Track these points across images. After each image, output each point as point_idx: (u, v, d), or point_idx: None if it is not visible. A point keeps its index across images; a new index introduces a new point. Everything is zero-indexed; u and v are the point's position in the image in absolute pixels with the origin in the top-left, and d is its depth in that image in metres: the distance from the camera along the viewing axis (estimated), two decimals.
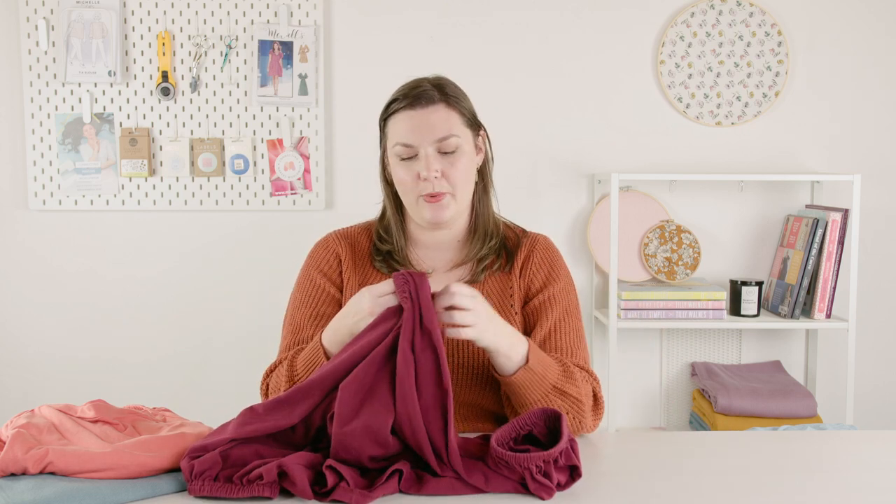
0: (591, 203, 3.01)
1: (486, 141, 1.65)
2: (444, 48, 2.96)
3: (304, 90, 2.92)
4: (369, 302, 1.34)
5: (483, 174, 1.65)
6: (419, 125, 1.53)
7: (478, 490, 1.22)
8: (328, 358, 1.43)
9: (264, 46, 2.90)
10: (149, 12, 2.91)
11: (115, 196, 2.95)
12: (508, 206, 1.89)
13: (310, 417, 1.30)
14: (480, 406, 1.59)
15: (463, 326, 1.35)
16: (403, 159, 1.56)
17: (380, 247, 1.65)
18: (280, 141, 2.94)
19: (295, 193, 2.95)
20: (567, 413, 1.46)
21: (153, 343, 3.01)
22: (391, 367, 1.28)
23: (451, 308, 1.34)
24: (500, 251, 1.65)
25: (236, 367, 2.99)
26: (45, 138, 2.92)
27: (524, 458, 1.21)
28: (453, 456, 1.23)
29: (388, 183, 1.64)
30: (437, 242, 1.65)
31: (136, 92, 2.93)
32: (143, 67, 2.93)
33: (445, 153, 1.54)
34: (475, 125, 1.62)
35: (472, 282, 1.61)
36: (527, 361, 1.43)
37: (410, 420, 1.24)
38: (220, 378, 3.00)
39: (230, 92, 2.94)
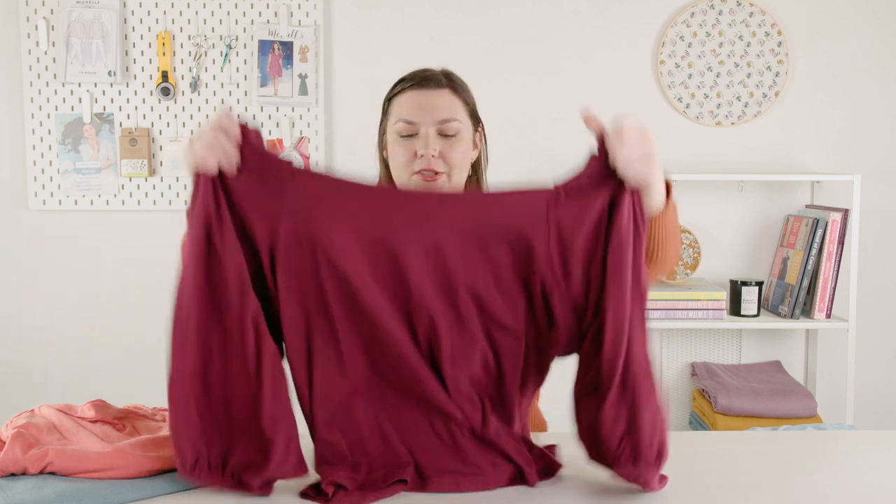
0: None
1: (483, 138, 1.66)
2: (444, 47, 2.95)
3: (304, 90, 2.92)
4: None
5: (476, 170, 1.65)
6: (424, 104, 1.54)
7: (482, 486, 1.22)
8: None
9: (264, 46, 2.90)
10: (149, 12, 2.91)
11: (115, 196, 2.95)
12: None
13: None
14: None
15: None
16: (403, 136, 1.54)
17: None
18: (280, 141, 2.94)
19: None
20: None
21: (153, 343, 2.99)
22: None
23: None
24: None
25: None
26: (45, 138, 2.92)
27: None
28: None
29: (386, 166, 1.64)
30: None
31: (136, 92, 2.93)
32: (143, 67, 2.92)
33: (446, 136, 1.54)
34: (476, 119, 1.62)
35: None
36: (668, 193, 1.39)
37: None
38: None
39: (230, 92, 2.93)
